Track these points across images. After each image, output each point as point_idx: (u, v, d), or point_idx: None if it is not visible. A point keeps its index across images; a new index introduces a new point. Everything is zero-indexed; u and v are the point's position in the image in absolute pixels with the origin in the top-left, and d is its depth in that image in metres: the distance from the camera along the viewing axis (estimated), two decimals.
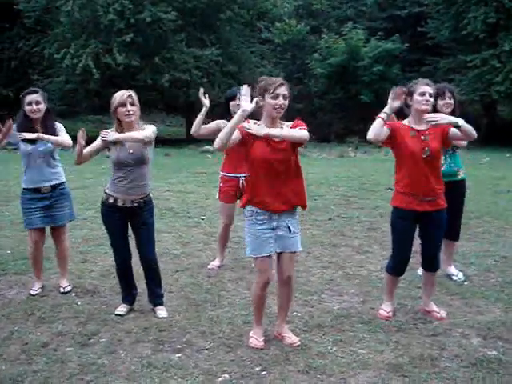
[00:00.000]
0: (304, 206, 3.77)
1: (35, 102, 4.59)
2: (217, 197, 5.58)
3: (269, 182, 3.62)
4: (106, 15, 17.99)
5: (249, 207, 3.68)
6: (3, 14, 21.61)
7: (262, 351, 3.65)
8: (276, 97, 3.55)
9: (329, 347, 3.73)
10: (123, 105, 4.03)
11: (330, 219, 8.09)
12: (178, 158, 17.07)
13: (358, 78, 24.66)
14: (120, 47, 18.41)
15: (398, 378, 3.32)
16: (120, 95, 4.03)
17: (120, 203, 4.13)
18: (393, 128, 4.11)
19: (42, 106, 4.63)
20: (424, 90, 4.07)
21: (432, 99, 4.12)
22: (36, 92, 4.66)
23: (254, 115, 3.68)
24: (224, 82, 22.19)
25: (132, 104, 4.06)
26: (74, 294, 4.76)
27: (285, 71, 27.33)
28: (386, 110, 4.01)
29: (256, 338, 3.76)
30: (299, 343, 3.75)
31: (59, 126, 4.73)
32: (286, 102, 3.62)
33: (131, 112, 4.04)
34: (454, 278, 5.21)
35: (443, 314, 4.31)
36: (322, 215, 8.36)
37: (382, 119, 4.00)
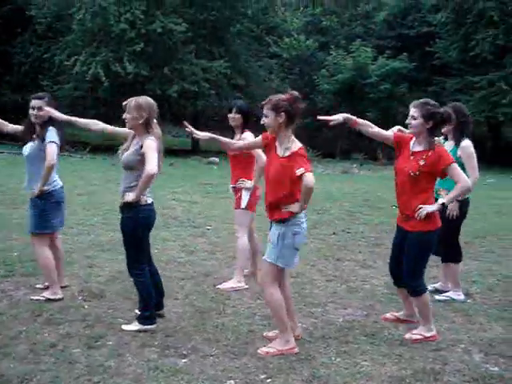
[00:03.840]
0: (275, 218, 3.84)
1: (37, 108, 4.67)
2: (243, 206, 5.32)
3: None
4: (117, 24, 18.19)
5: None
6: (15, 20, 21.89)
7: (266, 359, 3.69)
8: None
9: (332, 358, 3.77)
10: (124, 111, 4.09)
11: (334, 233, 8.15)
12: (183, 168, 17.16)
13: (365, 95, 24.83)
14: (130, 56, 18.60)
15: None
16: None
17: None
18: (397, 141, 4.26)
19: (43, 113, 4.67)
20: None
21: (414, 121, 4.06)
22: (41, 98, 4.72)
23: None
24: (232, 95, 22.34)
25: (127, 112, 4.03)
26: (80, 298, 4.81)
27: (292, 86, 27.54)
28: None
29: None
30: (261, 354, 3.78)
31: (49, 136, 4.65)
32: (266, 120, 3.83)
33: (125, 119, 4.07)
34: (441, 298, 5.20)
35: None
36: (327, 229, 8.42)
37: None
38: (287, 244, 3.78)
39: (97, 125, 4.63)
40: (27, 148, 4.73)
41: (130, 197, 3.98)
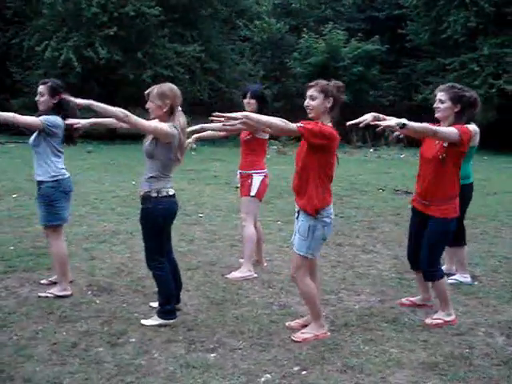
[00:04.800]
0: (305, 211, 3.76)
1: (39, 93, 4.49)
2: (253, 194, 5.23)
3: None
4: (88, 8, 17.65)
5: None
6: None
7: (296, 351, 3.64)
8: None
9: (361, 346, 3.74)
10: (146, 100, 3.93)
11: None
12: None
13: (338, 78, 24.34)
14: (102, 41, 18.11)
15: (436, 376, 3.36)
16: None
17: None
18: None
19: (44, 99, 4.47)
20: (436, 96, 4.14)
21: (442, 105, 4.08)
22: (44, 83, 4.52)
23: None
24: (205, 79, 22.07)
25: (150, 101, 3.88)
26: (89, 292, 4.67)
27: (264, 70, 27.36)
28: None
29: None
30: (297, 340, 3.79)
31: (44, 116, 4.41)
32: (313, 103, 3.72)
33: (148, 108, 3.92)
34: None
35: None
36: None
37: None
38: (317, 236, 3.73)
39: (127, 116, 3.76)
40: (32, 137, 4.53)
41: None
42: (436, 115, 4.17)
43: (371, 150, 21.04)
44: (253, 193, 5.21)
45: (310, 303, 3.87)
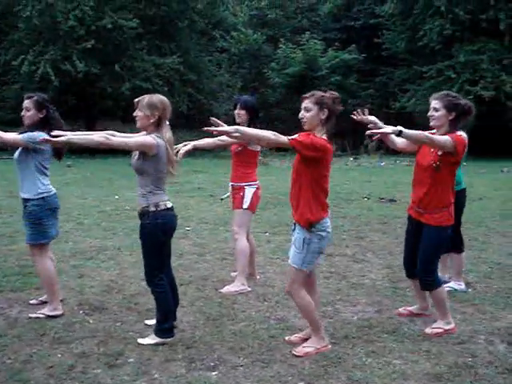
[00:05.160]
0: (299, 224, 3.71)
1: (25, 108, 4.35)
2: (245, 207, 5.16)
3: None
4: (65, 21, 17.50)
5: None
6: None
7: (298, 366, 3.57)
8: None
9: (363, 359, 3.69)
10: (134, 108, 3.85)
11: None
12: None
13: (316, 87, 24.87)
14: (80, 54, 17.94)
15: None
16: None
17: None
18: None
19: (30, 114, 4.33)
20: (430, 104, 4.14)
21: (436, 113, 4.07)
22: (29, 97, 4.38)
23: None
24: (184, 91, 22.01)
25: (139, 109, 3.78)
26: (81, 312, 4.54)
27: (243, 80, 27.41)
28: None
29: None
30: (298, 355, 3.73)
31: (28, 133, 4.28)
32: (307, 115, 3.68)
33: (135, 116, 3.82)
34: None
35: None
36: None
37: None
38: (312, 249, 3.68)
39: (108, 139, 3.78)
40: (17, 152, 4.40)
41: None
42: (431, 123, 4.16)
43: (351, 159, 21.15)
44: (245, 205, 5.14)
45: (307, 316, 3.81)
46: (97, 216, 8.65)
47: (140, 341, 3.88)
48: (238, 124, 5.23)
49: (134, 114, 3.79)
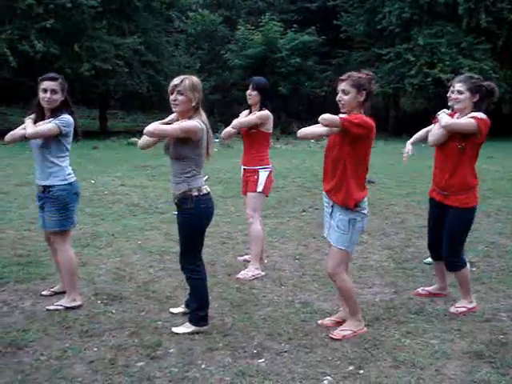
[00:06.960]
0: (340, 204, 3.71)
1: (50, 91, 4.10)
2: (259, 190, 5.11)
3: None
4: (23, 0, 16.71)
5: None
6: None
7: (340, 349, 3.57)
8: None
9: (402, 340, 3.73)
10: (171, 92, 3.70)
11: (303, 211, 8.12)
12: (107, 151, 16.33)
13: (276, 69, 24.88)
14: (38, 34, 17.20)
15: (486, 365, 3.39)
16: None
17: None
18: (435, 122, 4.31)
19: (57, 97, 4.14)
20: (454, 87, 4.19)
21: (461, 96, 4.12)
22: (54, 79, 4.14)
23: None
24: (143, 72, 21.53)
25: (180, 93, 3.63)
26: (99, 302, 4.39)
27: (201, 62, 27.03)
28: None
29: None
30: (336, 338, 3.73)
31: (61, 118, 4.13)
32: (346, 97, 3.65)
33: (176, 102, 3.66)
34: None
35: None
36: (293, 207, 8.39)
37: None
38: (358, 228, 3.70)
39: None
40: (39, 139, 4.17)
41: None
42: (455, 106, 4.19)
43: (312, 141, 21.23)
44: (259, 189, 5.09)
45: (348, 299, 3.82)
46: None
47: (175, 329, 3.78)
48: (250, 105, 5.15)
49: (173, 98, 3.63)
